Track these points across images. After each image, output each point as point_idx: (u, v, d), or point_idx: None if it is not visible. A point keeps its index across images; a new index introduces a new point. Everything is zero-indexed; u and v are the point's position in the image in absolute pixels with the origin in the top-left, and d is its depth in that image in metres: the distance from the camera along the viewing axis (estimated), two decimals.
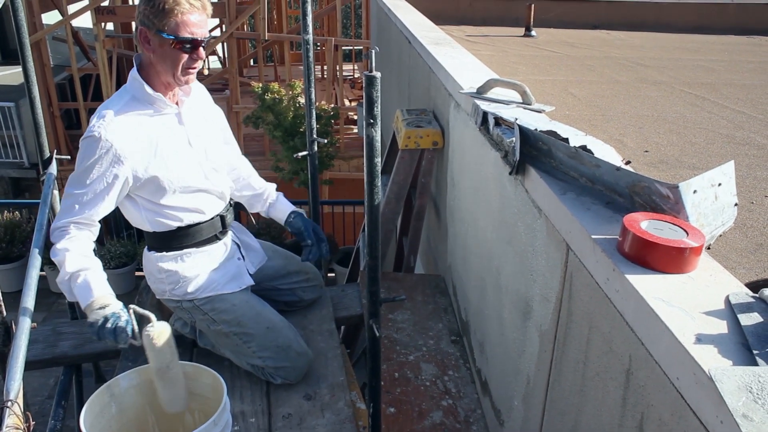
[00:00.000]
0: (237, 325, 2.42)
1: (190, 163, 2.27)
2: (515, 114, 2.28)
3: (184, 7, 2.04)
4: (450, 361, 2.80)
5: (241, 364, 2.55)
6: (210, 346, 2.62)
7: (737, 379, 0.99)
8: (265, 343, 2.44)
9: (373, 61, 1.67)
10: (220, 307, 2.41)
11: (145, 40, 2.09)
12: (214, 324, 2.43)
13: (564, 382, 1.71)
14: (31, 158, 9.79)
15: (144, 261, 2.44)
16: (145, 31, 2.07)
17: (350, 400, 2.48)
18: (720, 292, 1.26)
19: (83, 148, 2.08)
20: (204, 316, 2.43)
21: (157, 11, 2.02)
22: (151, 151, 2.16)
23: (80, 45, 10.40)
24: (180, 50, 2.08)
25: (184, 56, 2.10)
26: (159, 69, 2.13)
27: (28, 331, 1.95)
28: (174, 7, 2.02)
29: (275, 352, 2.45)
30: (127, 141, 2.09)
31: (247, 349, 2.46)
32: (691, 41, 5.90)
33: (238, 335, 2.44)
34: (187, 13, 2.05)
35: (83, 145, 2.08)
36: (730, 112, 3.38)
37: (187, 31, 2.06)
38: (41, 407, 5.00)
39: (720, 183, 1.51)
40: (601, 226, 1.49)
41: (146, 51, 2.11)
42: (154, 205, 2.26)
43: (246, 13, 9.57)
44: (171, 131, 2.22)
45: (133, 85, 2.17)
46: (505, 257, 2.22)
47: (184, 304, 2.42)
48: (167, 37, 2.04)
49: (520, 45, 5.37)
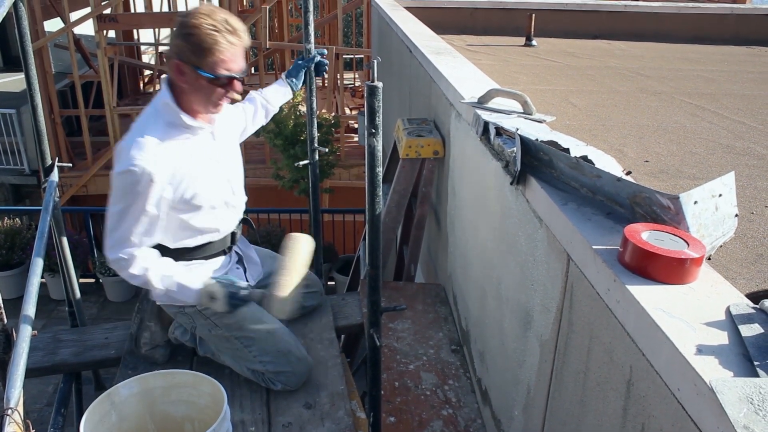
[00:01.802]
0: (238, 329, 2.43)
1: (220, 180, 2.29)
2: (516, 124, 2.29)
3: (222, 46, 2.00)
4: (450, 371, 2.80)
5: (241, 370, 2.55)
6: (210, 354, 2.61)
7: (738, 390, 1.00)
8: (266, 348, 2.45)
9: (375, 71, 1.68)
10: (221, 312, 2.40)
11: (180, 72, 2.06)
12: (216, 328, 2.44)
13: (564, 392, 1.71)
14: (31, 165, 9.80)
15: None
16: (180, 65, 2.04)
17: (350, 409, 2.48)
18: (721, 303, 1.27)
19: (125, 181, 2.03)
20: (205, 321, 2.43)
21: (194, 48, 1.99)
22: (189, 174, 2.16)
23: (82, 52, 10.42)
24: (216, 86, 2.06)
25: (220, 91, 2.09)
26: (192, 99, 2.11)
27: (28, 338, 1.94)
28: (213, 47, 1.99)
29: (276, 356, 2.46)
30: (167, 168, 2.08)
31: (248, 354, 2.47)
32: (691, 51, 5.92)
33: (240, 339, 2.44)
34: (226, 51, 2.02)
35: (125, 178, 2.03)
36: (730, 122, 3.39)
37: (224, 69, 2.04)
38: (40, 415, 4.99)
39: (720, 194, 1.51)
40: (601, 237, 1.50)
41: (179, 82, 2.08)
42: (182, 224, 2.24)
43: (247, 21, 9.60)
44: (204, 151, 2.23)
45: (167, 111, 2.13)
46: (506, 267, 2.22)
47: (186, 309, 2.42)
48: (204, 74, 2.02)
49: (521, 54, 5.39)
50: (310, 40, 3.08)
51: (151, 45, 13.08)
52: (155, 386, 2.16)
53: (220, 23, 1.99)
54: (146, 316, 2.69)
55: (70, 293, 3.21)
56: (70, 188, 9.32)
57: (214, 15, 2.00)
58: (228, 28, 2.01)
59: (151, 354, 2.68)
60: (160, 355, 2.68)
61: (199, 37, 1.97)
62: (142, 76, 13.42)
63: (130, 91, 12.64)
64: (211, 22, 1.98)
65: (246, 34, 2.09)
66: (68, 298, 3.24)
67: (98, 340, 2.98)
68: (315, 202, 3.68)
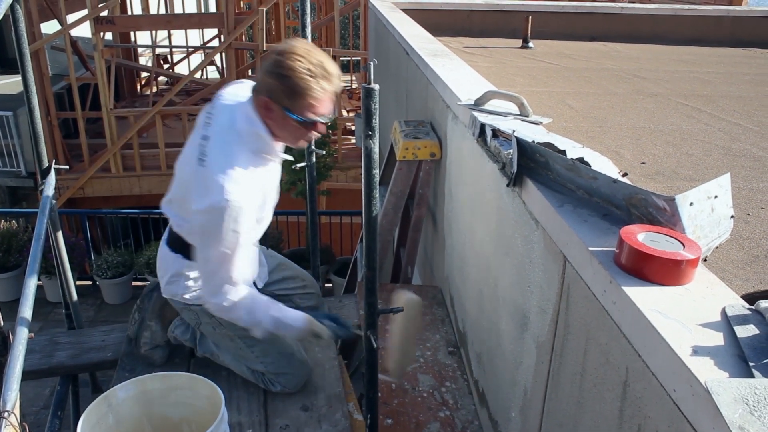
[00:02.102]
0: (242, 329, 2.42)
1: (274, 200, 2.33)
2: (513, 126, 2.29)
3: (315, 93, 1.98)
4: (447, 373, 2.80)
5: (241, 370, 2.55)
6: (209, 354, 2.62)
7: (734, 391, 1.00)
8: (269, 349, 2.47)
9: (372, 73, 1.68)
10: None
11: (268, 109, 2.03)
12: (220, 327, 2.44)
13: (561, 393, 1.71)
14: (28, 167, 9.77)
15: (168, 263, 2.41)
16: (269, 102, 2.01)
17: (347, 411, 2.48)
18: (716, 304, 1.27)
19: (221, 216, 1.98)
20: (210, 319, 2.43)
21: (287, 91, 1.97)
22: (263, 199, 2.17)
23: (79, 54, 10.41)
24: (302, 127, 2.05)
25: (304, 131, 2.08)
26: (275, 132, 2.10)
27: (25, 341, 1.95)
28: (306, 92, 1.96)
29: (277, 358, 2.48)
30: (254, 199, 2.08)
31: (250, 354, 2.48)
32: (687, 53, 5.93)
33: (243, 339, 2.45)
34: (318, 97, 1.99)
35: (220, 213, 1.98)
36: (727, 123, 3.40)
37: (313, 113, 2.02)
38: (37, 418, 4.98)
39: (716, 195, 1.52)
40: (598, 238, 1.50)
41: (264, 117, 2.07)
42: None
43: (245, 23, 9.60)
44: (272, 175, 2.24)
45: (256, 140, 2.09)
46: (503, 269, 2.23)
47: (192, 307, 2.43)
48: (292, 117, 2.01)
49: (518, 56, 5.40)
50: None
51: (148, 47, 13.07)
52: (152, 388, 2.16)
53: (316, 67, 1.96)
54: (147, 315, 2.70)
55: (67, 296, 3.21)
56: (67, 190, 9.30)
57: (311, 57, 1.96)
58: (323, 74, 1.97)
59: (151, 354, 2.68)
60: (159, 357, 2.69)
61: (293, 81, 1.94)
62: (139, 78, 13.41)
63: (127, 94, 12.62)
64: (307, 66, 1.94)
65: (339, 79, 2.05)
66: (65, 300, 3.24)
67: (95, 342, 2.99)
68: (312, 204, 3.69)
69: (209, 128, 2.11)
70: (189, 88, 12.13)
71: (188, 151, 2.16)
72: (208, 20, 10.77)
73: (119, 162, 9.52)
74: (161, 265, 2.46)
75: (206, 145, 2.05)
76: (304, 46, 1.98)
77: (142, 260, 7.14)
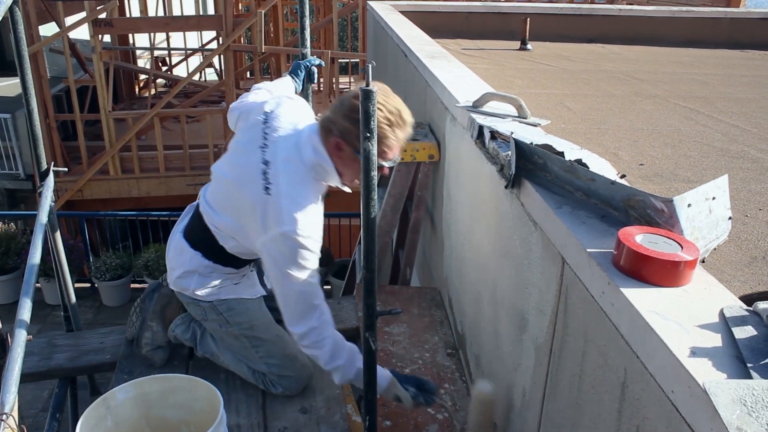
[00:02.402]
0: (249, 328, 2.44)
1: None
2: (511, 128, 2.30)
3: (389, 141, 2.02)
4: (446, 374, 2.80)
5: (240, 370, 2.55)
6: (209, 354, 2.62)
7: (732, 392, 1.00)
8: (274, 350, 2.47)
9: (370, 75, 1.69)
10: (235, 309, 2.43)
11: (338, 149, 2.06)
12: (226, 325, 2.44)
13: (560, 395, 1.71)
14: (26, 169, 9.77)
15: (184, 258, 2.40)
16: (341, 144, 2.05)
17: (346, 413, 2.48)
18: (714, 306, 1.27)
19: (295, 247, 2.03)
20: (218, 316, 2.44)
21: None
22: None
23: (77, 57, 10.40)
24: None
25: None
26: (339, 169, 2.14)
27: (24, 343, 1.94)
28: (381, 140, 1.98)
29: (282, 360, 2.49)
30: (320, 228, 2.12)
31: (255, 354, 2.48)
32: (686, 55, 5.94)
33: (249, 338, 2.46)
34: (391, 145, 2.04)
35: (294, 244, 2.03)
36: (725, 125, 3.40)
37: (383, 159, 2.04)
38: (35, 420, 4.98)
39: (714, 197, 1.52)
40: (596, 240, 1.50)
41: (332, 155, 2.10)
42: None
43: (243, 25, 9.60)
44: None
45: (322, 173, 2.14)
46: (501, 270, 2.23)
47: (201, 303, 2.43)
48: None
49: (516, 58, 5.40)
50: (306, 44, 3.09)
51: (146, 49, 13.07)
52: (151, 390, 2.16)
53: (394, 116, 2.00)
54: (148, 315, 2.70)
55: (66, 298, 3.20)
56: (65, 193, 9.29)
57: (389, 104, 2.00)
58: (399, 122, 2.02)
59: (152, 355, 2.68)
60: (159, 358, 2.69)
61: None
62: (137, 80, 13.40)
63: (126, 96, 12.61)
64: (385, 115, 1.98)
65: (412, 126, 2.10)
66: (63, 302, 3.24)
67: (94, 344, 2.98)
68: None
69: (268, 151, 2.12)
70: (187, 91, 12.13)
71: (242, 165, 2.16)
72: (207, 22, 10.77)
73: (117, 164, 9.51)
74: (174, 257, 2.44)
75: (269, 173, 2.08)
76: (382, 92, 2.00)
77: (141, 262, 7.14)
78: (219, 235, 2.30)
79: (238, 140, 2.28)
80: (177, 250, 2.43)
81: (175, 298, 2.69)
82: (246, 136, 2.23)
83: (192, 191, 9.52)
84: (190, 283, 2.40)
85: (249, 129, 2.23)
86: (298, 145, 2.13)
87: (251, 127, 2.23)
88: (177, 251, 2.43)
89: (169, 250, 2.50)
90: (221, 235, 2.30)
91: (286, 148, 2.13)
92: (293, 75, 2.86)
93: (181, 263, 2.41)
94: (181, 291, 2.45)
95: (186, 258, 2.39)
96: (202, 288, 2.39)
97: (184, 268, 2.40)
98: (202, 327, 2.63)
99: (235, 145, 2.28)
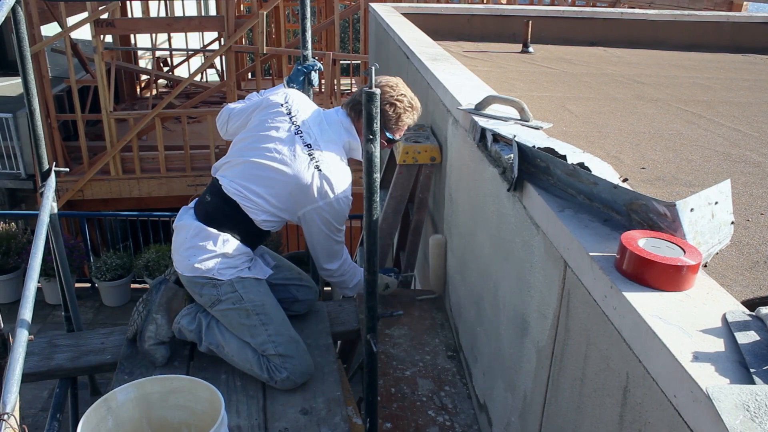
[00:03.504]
0: (261, 305, 2.56)
1: None
2: (513, 131, 2.30)
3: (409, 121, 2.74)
4: (446, 377, 2.80)
5: (246, 358, 2.56)
6: (214, 345, 2.63)
7: (734, 397, 1.00)
8: (281, 330, 2.58)
9: (373, 77, 1.69)
10: (249, 287, 2.57)
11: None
12: (240, 302, 2.54)
13: (561, 398, 1.71)
14: (27, 169, 9.77)
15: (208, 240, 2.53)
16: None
17: (347, 414, 2.48)
18: (717, 310, 1.27)
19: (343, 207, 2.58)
20: (233, 294, 2.54)
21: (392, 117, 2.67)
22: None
23: (79, 57, 10.40)
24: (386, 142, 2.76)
25: (386, 146, 2.80)
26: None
27: (25, 343, 1.94)
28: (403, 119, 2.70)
29: (288, 340, 2.57)
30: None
31: (264, 332, 2.55)
32: (687, 59, 5.94)
33: (259, 316, 2.56)
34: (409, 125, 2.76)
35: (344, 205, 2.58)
36: (726, 129, 3.41)
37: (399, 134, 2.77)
38: (34, 420, 4.97)
39: (716, 201, 1.52)
40: (598, 244, 1.50)
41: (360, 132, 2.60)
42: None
43: (245, 26, 9.61)
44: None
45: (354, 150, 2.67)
46: (503, 273, 2.23)
47: (219, 281, 2.53)
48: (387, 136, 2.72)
49: (518, 61, 5.41)
50: (307, 46, 3.09)
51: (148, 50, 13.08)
52: (152, 391, 2.16)
53: (411, 101, 2.70)
54: (154, 308, 2.70)
55: (67, 298, 3.20)
56: (66, 193, 9.29)
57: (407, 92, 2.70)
58: (416, 106, 2.72)
59: (154, 351, 2.68)
60: (161, 355, 2.69)
61: (398, 110, 2.65)
62: (138, 81, 13.40)
63: (127, 96, 12.62)
64: (409, 100, 2.68)
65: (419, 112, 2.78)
66: (64, 302, 3.24)
67: (94, 345, 2.98)
68: None
69: (305, 136, 2.57)
70: (188, 91, 12.13)
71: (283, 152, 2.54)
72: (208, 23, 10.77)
73: (119, 164, 9.51)
74: (191, 240, 2.55)
75: (315, 155, 2.53)
76: (398, 82, 2.70)
77: (141, 263, 7.13)
78: (256, 209, 2.55)
79: (258, 127, 2.62)
80: (198, 236, 2.54)
81: (181, 291, 2.72)
82: (270, 124, 2.60)
83: (193, 192, 9.51)
84: (213, 263, 2.50)
85: (270, 117, 2.62)
86: (332, 127, 2.63)
87: (272, 115, 2.62)
88: (198, 236, 2.54)
89: (179, 236, 2.61)
90: (259, 209, 2.55)
91: (322, 131, 2.60)
92: (292, 81, 3.09)
93: (204, 245, 2.52)
94: (200, 275, 2.51)
95: (211, 240, 2.52)
96: (223, 267, 2.52)
97: (206, 251, 2.51)
98: (208, 317, 2.64)
99: (257, 131, 2.61)
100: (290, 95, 2.70)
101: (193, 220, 2.59)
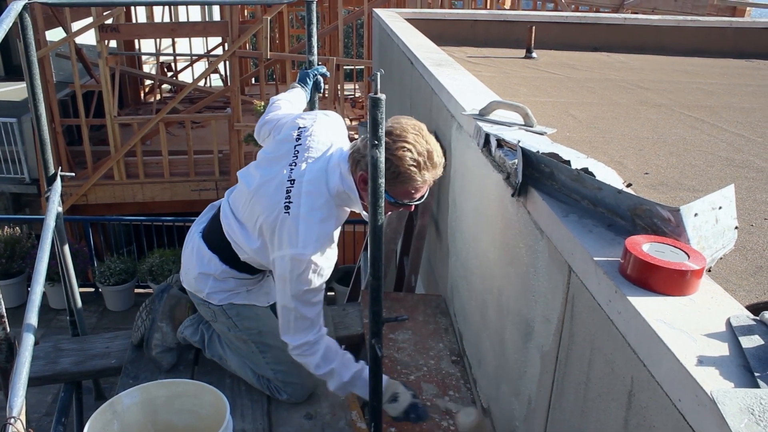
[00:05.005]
0: (257, 334, 2.46)
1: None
2: (517, 136, 2.30)
3: (416, 183, 2.03)
4: (451, 382, 2.80)
5: (246, 375, 2.56)
6: (217, 357, 2.63)
7: (739, 401, 1.00)
8: (281, 357, 2.44)
9: (378, 83, 1.70)
10: (245, 314, 2.44)
11: (364, 182, 2.02)
12: (235, 329, 2.46)
13: (565, 403, 1.72)
14: (32, 174, 9.80)
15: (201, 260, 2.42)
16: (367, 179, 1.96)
17: (351, 419, 2.48)
18: (721, 315, 1.28)
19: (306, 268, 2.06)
20: (227, 320, 2.45)
21: (391, 177, 1.97)
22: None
23: (83, 62, 10.45)
24: (392, 206, 2.11)
25: (393, 208, 2.15)
26: (364, 199, 2.11)
27: (31, 347, 1.95)
28: (407, 182, 2.01)
29: (288, 367, 2.46)
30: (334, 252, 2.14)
31: (261, 359, 2.49)
32: (691, 64, 5.95)
33: (257, 344, 2.48)
34: (418, 188, 2.06)
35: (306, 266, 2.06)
36: (730, 134, 3.41)
37: (408, 199, 2.08)
38: (38, 424, 4.98)
39: (720, 206, 1.53)
40: (602, 249, 1.51)
41: (359, 187, 2.10)
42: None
43: (248, 32, 9.64)
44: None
45: (345, 199, 2.16)
46: (507, 278, 2.23)
47: (211, 305, 2.44)
48: (389, 198, 2.03)
49: (521, 66, 5.42)
50: (313, 51, 3.10)
51: (152, 55, 13.13)
52: (157, 395, 2.17)
53: (423, 157, 1.99)
54: (158, 316, 2.71)
55: (72, 302, 3.21)
56: (70, 197, 9.32)
57: (419, 145, 1.99)
58: (429, 164, 2.02)
59: (161, 357, 2.69)
60: (167, 361, 2.70)
61: (398, 169, 1.98)
62: (143, 86, 13.46)
63: (131, 101, 12.67)
64: (414, 157, 1.98)
65: (443, 167, 2.10)
66: (69, 307, 3.24)
67: (99, 349, 2.99)
68: None
69: (295, 170, 2.14)
70: (192, 96, 12.18)
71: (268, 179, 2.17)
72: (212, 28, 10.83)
73: (122, 169, 9.54)
74: (191, 259, 2.45)
75: (293, 191, 2.09)
76: (413, 130, 2.01)
77: (145, 267, 7.16)
78: (234, 245, 2.32)
79: (267, 152, 2.30)
80: (194, 251, 2.44)
81: (185, 299, 2.71)
82: (276, 150, 2.25)
83: (196, 197, 9.54)
84: (205, 286, 2.42)
85: (281, 143, 2.26)
86: (327, 169, 2.15)
87: (283, 141, 2.25)
88: (194, 252, 2.44)
89: (185, 249, 2.51)
90: (236, 245, 2.31)
91: (313, 169, 2.14)
92: (302, 84, 2.88)
93: (198, 264, 2.42)
94: (195, 292, 2.47)
95: (203, 259, 2.41)
96: (215, 292, 2.41)
97: (199, 270, 2.42)
98: (210, 329, 2.64)
99: (264, 156, 2.30)
100: (319, 119, 2.33)
101: (197, 234, 2.48)
